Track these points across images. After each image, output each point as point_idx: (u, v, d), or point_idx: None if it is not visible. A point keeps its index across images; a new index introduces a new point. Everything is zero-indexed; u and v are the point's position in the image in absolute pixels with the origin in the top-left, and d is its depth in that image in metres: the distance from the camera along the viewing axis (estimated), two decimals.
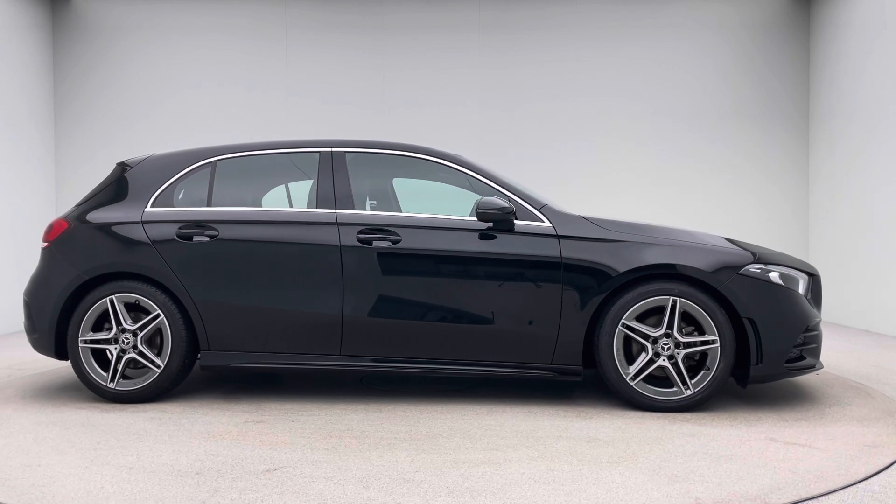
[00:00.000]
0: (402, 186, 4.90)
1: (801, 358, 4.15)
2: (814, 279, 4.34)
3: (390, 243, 4.17)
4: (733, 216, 8.42)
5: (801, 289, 4.18)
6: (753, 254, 4.11)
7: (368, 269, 4.18)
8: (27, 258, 7.33)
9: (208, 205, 4.44)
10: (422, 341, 4.17)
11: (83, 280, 4.33)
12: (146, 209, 4.42)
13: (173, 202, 4.47)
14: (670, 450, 3.29)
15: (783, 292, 4.04)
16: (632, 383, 4.01)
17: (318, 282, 4.20)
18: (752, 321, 3.96)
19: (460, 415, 3.96)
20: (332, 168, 4.40)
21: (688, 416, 3.92)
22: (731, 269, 4.00)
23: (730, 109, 8.49)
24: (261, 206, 4.65)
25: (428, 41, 8.46)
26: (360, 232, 4.19)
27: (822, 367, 4.27)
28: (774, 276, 4.05)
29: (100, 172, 7.64)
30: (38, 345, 4.47)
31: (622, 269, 4.02)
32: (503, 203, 4.09)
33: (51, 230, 4.53)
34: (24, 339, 5.36)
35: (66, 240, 4.46)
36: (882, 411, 4.03)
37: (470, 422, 3.81)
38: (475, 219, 4.15)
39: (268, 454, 3.26)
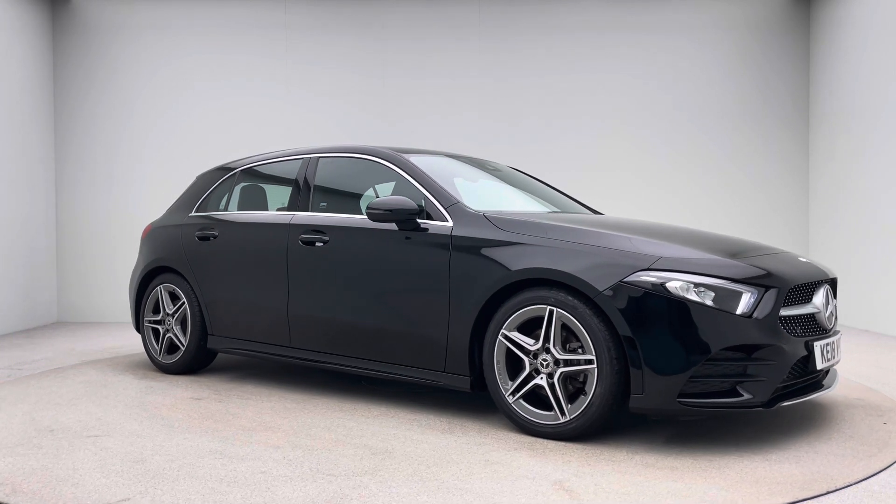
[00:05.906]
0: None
1: (734, 393, 3.23)
2: (772, 293, 3.30)
3: (323, 244, 4.36)
4: (732, 213, 8.21)
5: (741, 306, 3.23)
6: (658, 257, 3.32)
7: (305, 268, 4.44)
8: (27, 257, 7.87)
9: (226, 209, 5.15)
10: (338, 339, 4.30)
11: (146, 272, 5.40)
12: (190, 214, 5.30)
13: (213, 207, 5.27)
14: (396, 471, 2.98)
15: (683, 308, 3.19)
16: (510, 400, 3.59)
17: (274, 278, 4.59)
18: (631, 340, 3.24)
19: (348, 414, 4.01)
20: (306, 173, 4.73)
21: (543, 444, 3.38)
22: (613, 277, 3.31)
23: (730, 107, 8.33)
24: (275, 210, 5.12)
25: (428, 40, 8.36)
26: (303, 233, 4.46)
27: (770, 406, 3.24)
28: (674, 285, 3.22)
29: (100, 172, 8.46)
30: (133, 321, 5.67)
31: (501, 273, 3.62)
32: (402, 203, 3.95)
33: (144, 231, 5.71)
34: (24, 339, 7.16)
35: (146, 239, 5.60)
36: (804, 476, 2.94)
37: (336, 421, 3.86)
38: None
39: (125, 425, 3.80)
